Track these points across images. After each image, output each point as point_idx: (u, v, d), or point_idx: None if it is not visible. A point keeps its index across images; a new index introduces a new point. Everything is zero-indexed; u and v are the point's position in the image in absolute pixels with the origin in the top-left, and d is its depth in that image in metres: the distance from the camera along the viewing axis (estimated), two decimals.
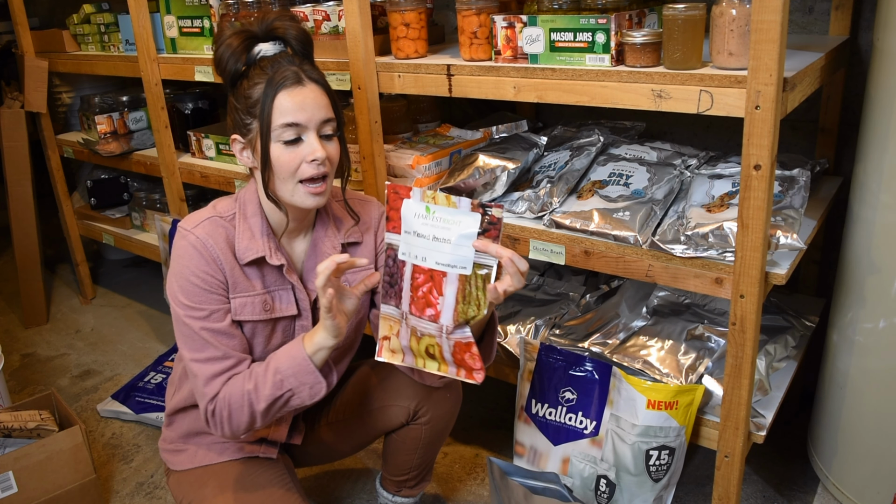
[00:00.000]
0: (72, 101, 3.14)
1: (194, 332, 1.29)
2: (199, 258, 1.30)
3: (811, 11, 1.79)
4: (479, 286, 1.18)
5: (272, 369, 1.26)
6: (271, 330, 1.40)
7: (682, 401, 1.50)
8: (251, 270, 1.35)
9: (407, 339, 1.27)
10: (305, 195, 1.28)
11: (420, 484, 1.67)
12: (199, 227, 1.32)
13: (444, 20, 2.27)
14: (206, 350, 1.29)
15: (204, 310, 1.29)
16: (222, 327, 1.30)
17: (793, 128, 1.90)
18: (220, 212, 1.35)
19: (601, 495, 1.62)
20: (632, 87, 1.37)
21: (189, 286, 1.29)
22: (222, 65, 1.29)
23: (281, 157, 1.26)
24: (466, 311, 1.20)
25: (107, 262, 3.56)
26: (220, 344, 1.29)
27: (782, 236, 1.36)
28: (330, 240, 1.42)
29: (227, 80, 1.30)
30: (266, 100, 1.23)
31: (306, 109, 1.24)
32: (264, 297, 1.36)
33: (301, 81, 1.25)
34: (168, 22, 2.20)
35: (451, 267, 1.19)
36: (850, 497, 1.64)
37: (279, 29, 1.29)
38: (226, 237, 1.33)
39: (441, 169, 1.89)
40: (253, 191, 1.36)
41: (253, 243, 1.33)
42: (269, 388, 1.25)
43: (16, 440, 1.85)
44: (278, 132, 1.24)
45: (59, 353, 2.75)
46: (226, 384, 1.29)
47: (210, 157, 2.34)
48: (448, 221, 1.18)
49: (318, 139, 1.26)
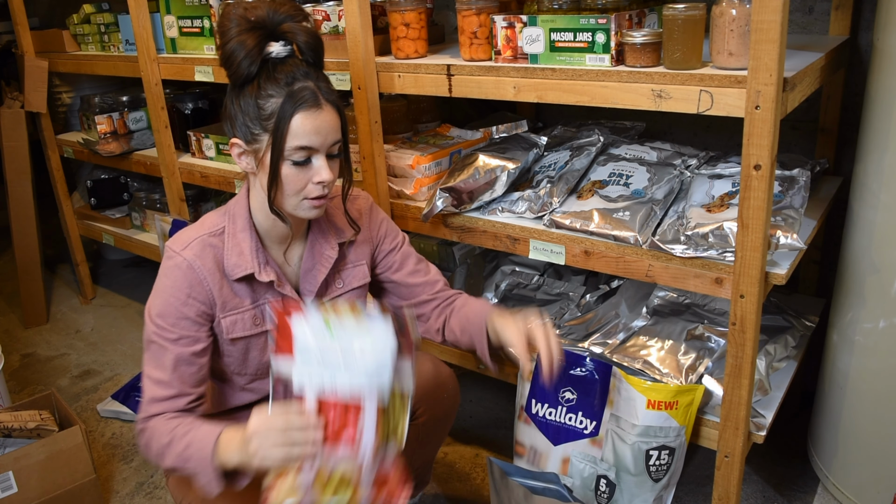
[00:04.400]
0: (72, 101, 3.14)
1: (159, 350, 1.28)
2: (184, 281, 1.29)
3: (811, 11, 1.79)
4: (399, 408, 1.05)
5: (187, 440, 1.23)
6: (265, 342, 1.40)
7: (682, 401, 1.50)
8: (240, 286, 1.34)
9: (311, 478, 1.10)
10: (309, 208, 1.28)
11: (419, 485, 1.67)
12: (188, 249, 1.30)
13: (444, 20, 2.27)
14: (157, 371, 1.28)
15: (174, 333, 1.28)
16: (186, 354, 1.29)
17: (793, 128, 1.90)
18: (208, 229, 1.33)
19: (601, 495, 1.62)
20: (632, 87, 1.37)
21: (167, 307, 1.28)
22: (233, 64, 1.22)
23: (290, 177, 1.25)
24: (387, 436, 1.07)
25: (107, 262, 3.56)
26: (174, 371, 1.28)
27: (782, 236, 1.36)
28: (328, 241, 1.42)
29: (236, 80, 1.25)
30: (283, 118, 1.20)
31: (321, 134, 1.23)
32: (253, 312, 1.36)
33: (319, 104, 1.22)
34: (168, 22, 2.20)
35: (366, 394, 1.03)
36: (850, 497, 1.64)
37: (289, 33, 1.24)
38: (214, 256, 1.31)
39: (441, 169, 1.89)
40: (244, 203, 1.34)
41: (242, 260, 1.32)
42: (175, 454, 1.23)
43: (16, 440, 1.85)
44: (290, 153, 1.23)
45: (59, 353, 2.75)
46: (159, 417, 1.27)
47: (210, 157, 2.34)
48: (355, 337, 1.00)
49: (325, 162, 1.25)
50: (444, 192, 1.69)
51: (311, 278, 1.41)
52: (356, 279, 1.47)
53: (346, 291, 1.47)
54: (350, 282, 1.46)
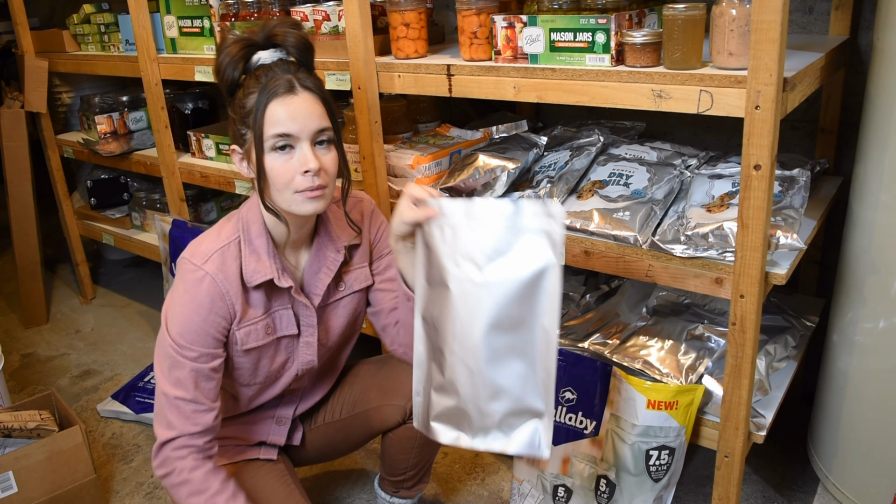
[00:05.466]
0: (72, 101, 3.14)
1: (180, 368, 1.27)
2: (206, 297, 1.27)
3: (811, 11, 1.79)
4: None
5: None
6: (275, 349, 1.40)
7: (682, 401, 1.50)
8: (256, 295, 1.34)
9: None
10: (303, 201, 1.25)
11: (418, 485, 1.67)
12: (210, 263, 1.28)
13: (444, 20, 2.27)
14: (179, 388, 1.27)
15: (195, 351, 1.28)
16: (205, 370, 1.29)
17: (793, 128, 1.90)
18: (225, 239, 1.32)
19: (601, 495, 1.62)
20: (632, 87, 1.37)
21: (188, 323, 1.27)
22: (220, 73, 1.26)
23: (274, 168, 1.23)
24: None
25: (107, 262, 3.56)
26: (195, 387, 1.28)
27: (782, 236, 1.36)
28: (333, 244, 1.42)
29: (225, 89, 1.28)
30: (258, 109, 1.21)
31: (298, 119, 1.21)
32: (266, 322, 1.36)
33: (293, 90, 1.22)
34: (168, 22, 2.20)
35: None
36: (850, 497, 1.64)
37: (278, 36, 1.26)
38: (236, 267, 1.30)
39: (441, 169, 1.89)
40: (256, 209, 1.34)
41: (260, 266, 1.31)
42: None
43: (16, 440, 1.85)
44: (270, 142, 1.22)
45: (59, 353, 2.75)
46: (189, 457, 1.28)
47: (210, 157, 2.34)
48: None
49: (311, 149, 1.23)
50: (444, 192, 1.70)
51: (317, 281, 1.41)
52: (358, 282, 1.47)
53: (349, 294, 1.47)
54: (352, 284, 1.47)
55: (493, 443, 1.18)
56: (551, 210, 1.09)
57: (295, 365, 1.44)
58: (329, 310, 1.46)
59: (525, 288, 1.10)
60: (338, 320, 1.48)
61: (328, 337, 1.47)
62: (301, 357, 1.44)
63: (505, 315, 1.12)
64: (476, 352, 1.13)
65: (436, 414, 1.22)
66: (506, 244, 1.11)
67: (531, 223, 1.10)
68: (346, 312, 1.48)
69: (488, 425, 1.17)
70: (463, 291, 1.13)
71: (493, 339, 1.12)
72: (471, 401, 1.16)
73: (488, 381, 1.14)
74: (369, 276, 1.48)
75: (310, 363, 1.45)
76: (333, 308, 1.47)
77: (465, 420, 1.19)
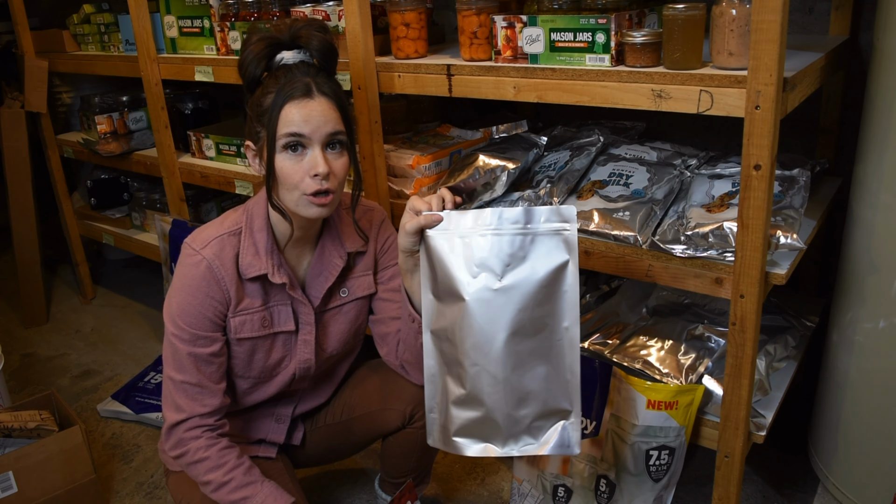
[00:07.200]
0: (72, 101, 3.14)
1: (179, 353, 1.31)
2: (203, 280, 1.30)
3: (811, 11, 1.79)
4: None
5: (247, 492, 1.30)
6: (271, 344, 1.41)
7: (682, 401, 1.50)
8: (253, 287, 1.35)
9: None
10: (309, 205, 1.27)
11: (418, 486, 1.66)
12: (208, 248, 1.32)
13: (444, 20, 2.27)
14: (184, 373, 1.31)
15: (193, 334, 1.31)
16: (205, 354, 1.32)
17: (793, 128, 1.90)
18: (227, 228, 1.35)
19: (601, 495, 1.62)
20: (632, 87, 1.37)
21: (187, 307, 1.30)
22: (243, 69, 1.28)
23: (284, 168, 1.25)
24: None
25: (107, 262, 3.56)
26: (197, 370, 1.32)
27: (782, 236, 1.36)
28: (337, 249, 1.42)
29: (246, 84, 1.30)
30: (274, 109, 1.23)
31: (311, 122, 1.23)
32: (263, 314, 1.37)
33: (310, 94, 1.23)
34: (168, 22, 2.20)
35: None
36: (850, 497, 1.64)
37: (303, 38, 1.28)
38: (233, 255, 1.33)
39: (441, 169, 1.89)
40: (262, 203, 1.36)
41: (256, 260, 1.33)
42: (230, 500, 1.30)
43: (16, 440, 1.85)
44: (282, 141, 1.24)
45: (59, 353, 2.75)
46: (202, 437, 1.31)
47: (210, 157, 2.34)
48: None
49: (322, 153, 1.25)
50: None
51: (318, 284, 1.41)
52: (361, 289, 1.48)
53: (350, 301, 1.47)
54: (355, 291, 1.47)
55: (525, 448, 1.20)
56: (563, 212, 1.13)
57: (293, 364, 1.44)
58: (330, 315, 1.47)
59: (544, 290, 1.13)
60: (338, 326, 1.48)
61: (327, 342, 1.48)
62: (299, 355, 1.44)
63: (527, 319, 1.14)
64: (500, 359, 1.14)
65: (457, 428, 1.22)
66: (521, 249, 1.14)
67: (545, 227, 1.13)
68: (348, 319, 1.49)
69: (518, 431, 1.19)
70: (481, 301, 1.14)
71: (516, 345, 1.14)
72: (498, 409, 1.17)
73: (515, 387, 1.16)
74: (372, 284, 1.49)
75: (307, 362, 1.45)
76: (334, 314, 1.47)
77: (494, 430, 1.20)
